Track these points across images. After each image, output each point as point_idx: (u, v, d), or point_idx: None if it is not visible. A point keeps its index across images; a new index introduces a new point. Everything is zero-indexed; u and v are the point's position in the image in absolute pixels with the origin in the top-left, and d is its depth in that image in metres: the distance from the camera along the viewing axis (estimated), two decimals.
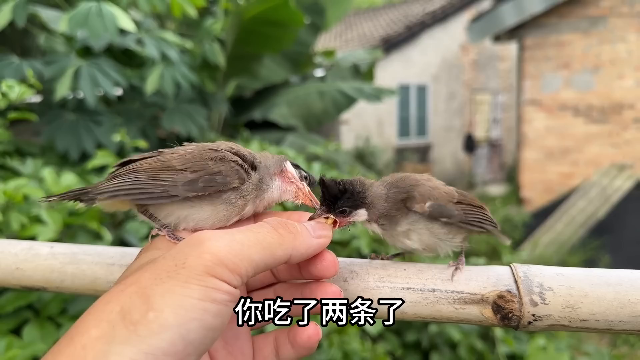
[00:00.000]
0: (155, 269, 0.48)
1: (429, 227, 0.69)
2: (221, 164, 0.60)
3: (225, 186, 0.59)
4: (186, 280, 0.45)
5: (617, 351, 4.31)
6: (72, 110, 3.04)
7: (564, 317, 0.53)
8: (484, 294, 0.57)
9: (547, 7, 7.58)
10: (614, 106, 7.51)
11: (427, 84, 12.16)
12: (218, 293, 0.46)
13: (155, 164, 0.61)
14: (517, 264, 0.59)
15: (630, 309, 0.51)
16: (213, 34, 3.79)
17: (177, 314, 0.44)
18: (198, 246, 0.48)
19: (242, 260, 0.48)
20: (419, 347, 2.45)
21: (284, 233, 0.53)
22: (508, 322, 0.56)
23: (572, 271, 0.56)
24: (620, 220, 6.80)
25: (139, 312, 0.43)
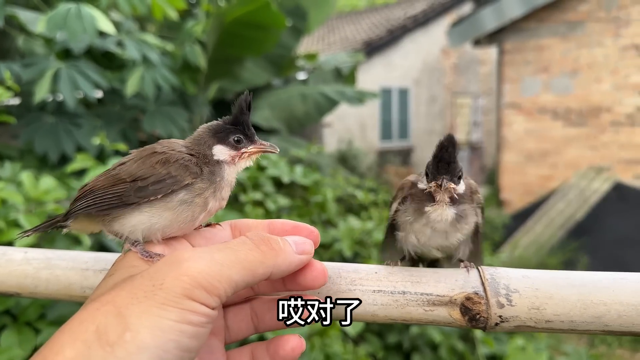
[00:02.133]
0: (132, 288, 0.47)
1: (473, 221, 0.67)
2: (168, 165, 0.59)
3: (177, 185, 0.58)
4: (163, 302, 0.45)
5: (595, 351, 4.37)
6: (52, 112, 3.01)
7: (529, 319, 0.55)
8: (452, 296, 0.58)
9: (527, 11, 7.68)
10: (591, 109, 7.62)
11: (408, 87, 12.24)
12: (195, 315, 0.46)
13: (107, 180, 0.61)
14: (485, 266, 0.60)
15: (593, 310, 0.53)
16: (194, 36, 3.77)
17: (154, 335, 0.43)
18: (176, 267, 0.47)
19: (220, 281, 0.47)
20: (400, 348, 2.47)
21: (265, 250, 0.52)
22: (476, 324, 0.57)
23: (537, 273, 0.57)
24: (598, 222, 6.90)
25: (116, 333, 0.43)
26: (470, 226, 0.67)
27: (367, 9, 16.88)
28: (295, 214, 2.69)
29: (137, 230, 0.59)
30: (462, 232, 0.67)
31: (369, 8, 16.94)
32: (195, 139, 0.63)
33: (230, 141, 0.62)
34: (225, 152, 0.62)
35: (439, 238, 0.67)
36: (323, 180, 3.26)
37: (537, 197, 7.88)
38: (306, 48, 11.61)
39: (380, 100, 11.45)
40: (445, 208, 0.64)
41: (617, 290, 0.53)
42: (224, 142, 0.62)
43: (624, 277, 0.55)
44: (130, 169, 0.60)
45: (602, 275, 0.56)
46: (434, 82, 12.69)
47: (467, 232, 0.68)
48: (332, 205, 2.97)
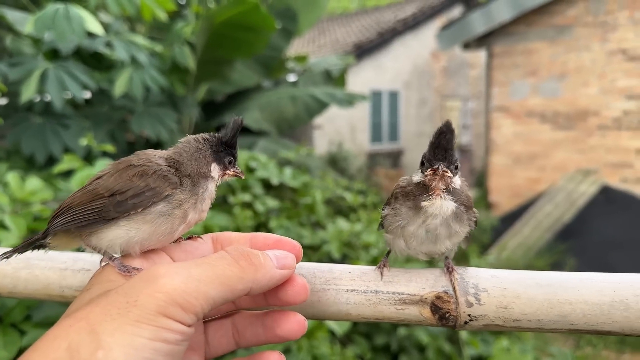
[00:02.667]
0: (106, 305, 0.46)
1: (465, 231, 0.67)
2: (146, 177, 0.58)
3: (157, 197, 0.57)
4: (137, 319, 0.44)
5: (581, 352, 4.41)
6: (39, 113, 2.99)
7: (498, 317, 0.56)
8: (422, 295, 0.59)
9: (515, 15, 7.72)
10: (579, 113, 7.68)
11: (398, 90, 12.28)
12: (170, 333, 0.45)
13: (84, 196, 0.60)
14: (455, 266, 0.62)
15: (559, 309, 0.54)
16: (183, 37, 3.77)
17: (127, 353, 0.42)
18: (151, 283, 0.46)
19: (197, 298, 0.46)
20: (388, 350, 2.48)
21: (245, 265, 0.51)
22: (446, 322, 0.58)
23: (505, 273, 0.59)
24: (585, 224, 6.96)
25: (88, 350, 0.42)
26: (459, 238, 0.67)
27: (357, 11, 16.92)
28: (284, 215, 2.69)
29: (115, 245, 0.58)
30: (452, 241, 0.66)
31: (359, 10, 16.98)
32: (189, 151, 0.62)
33: (224, 161, 0.63)
34: (217, 170, 0.63)
35: (429, 244, 0.66)
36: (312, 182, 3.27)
37: (525, 199, 7.93)
38: (296, 50, 11.62)
39: (370, 103, 11.49)
40: (444, 199, 0.63)
41: (582, 290, 0.55)
42: (218, 160, 0.63)
43: (590, 277, 0.57)
44: (107, 183, 0.59)
45: (568, 276, 0.57)
46: (424, 85, 12.75)
47: (456, 242, 0.67)
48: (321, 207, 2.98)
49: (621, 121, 7.39)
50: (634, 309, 0.53)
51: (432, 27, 12.00)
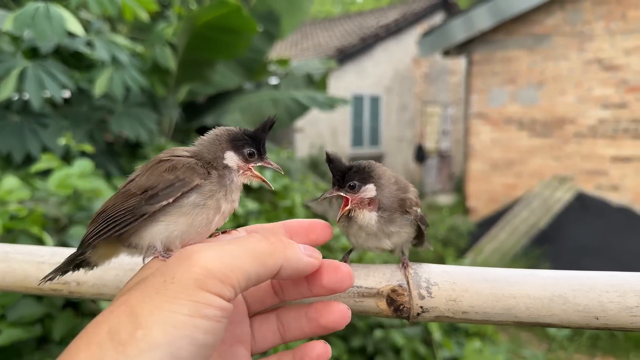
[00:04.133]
0: (145, 287, 0.46)
1: (409, 231, 0.71)
2: (175, 170, 0.58)
3: (186, 186, 0.57)
4: (175, 295, 0.43)
5: (553, 355, 4.49)
6: (17, 112, 2.97)
7: (448, 309, 0.60)
8: (379, 289, 0.63)
9: (495, 23, 7.81)
10: (556, 121, 7.80)
11: (380, 95, 12.37)
12: (209, 309, 0.44)
13: (117, 198, 0.60)
14: (409, 262, 0.66)
15: (504, 303, 0.58)
16: (165, 38, 3.77)
17: (166, 331, 0.42)
18: (187, 260, 0.46)
19: (232, 270, 0.46)
20: (364, 352, 2.51)
21: (274, 242, 0.51)
22: (400, 314, 0.62)
23: (455, 269, 0.63)
24: (560, 230, 7.06)
25: (127, 331, 0.42)
26: (402, 237, 0.71)
27: (340, 16, 16.99)
28: (263, 218, 2.71)
29: (156, 241, 0.58)
30: (392, 240, 0.70)
31: (342, 15, 17.06)
32: (208, 139, 0.63)
33: (244, 152, 0.63)
34: (234, 160, 0.62)
35: (373, 241, 0.71)
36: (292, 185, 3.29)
37: (502, 205, 8.03)
38: (279, 53, 11.65)
39: (352, 107, 11.56)
40: (364, 213, 0.68)
41: (526, 285, 0.59)
42: (237, 150, 0.62)
43: (532, 273, 0.61)
44: (140, 182, 0.59)
45: (513, 272, 0.61)
46: (405, 90, 12.86)
47: (399, 241, 0.71)
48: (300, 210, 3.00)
49: (596, 129, 7.52)
50: (571, 302, 0.57)
51: (414, 33, 12.12)
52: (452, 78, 13.47)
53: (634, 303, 0.56)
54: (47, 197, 2.02)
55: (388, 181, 0.69)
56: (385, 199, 0.69)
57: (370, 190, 0.68)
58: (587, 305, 0.57)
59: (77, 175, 2.04)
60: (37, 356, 1.73)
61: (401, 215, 0.69)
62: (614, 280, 0.58)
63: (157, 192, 0.57)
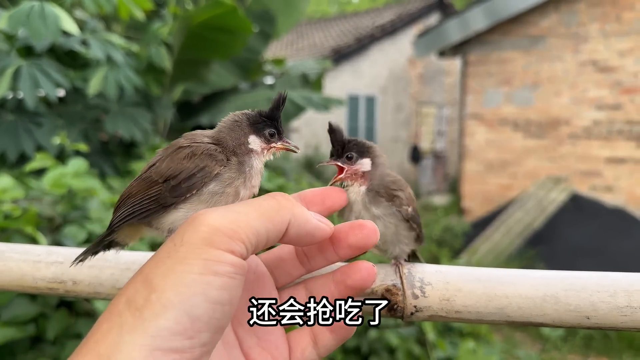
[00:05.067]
0: (157, 254, 0.47)
1: (397, 224, 0.71)
2: (195, 158, 0.59)
3: (208, 177, 0.58)
4: (185, 256, 0.45)
5: (547, 355, 4.51)
6: (11, 110, 2.96)
7: (441, 309, 0.61)
8: (373, 288, 0.64)
9: (491, 24, 7.83)
10: (550, 122, 7.82)
11: (375, 95, 12.39)
12: (220, 265, 0.45)
13: (141, 184, 0.61)
14: (404, 261, 0.66)
15: (496, 302, 0.59)
16: (160, 37, 3.77)
17: (179, 291, 0.43)
18: (193, 222, 0.47)
19: (240, 226, 0.47)
20: (358, 352, 2.51)
21: (281, 199, 0.52)
22: (394, 313, 0.63)
23: (449, 269, 0.64)
24: (554, 231, 7.08)
25: (142, 297, 0.43)
26: (389, 228, 0.72)
27: (336, 16, 17.01)
28: None
29: (177, 226, 0.58)
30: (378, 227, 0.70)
31: (338, 15, 17.07)
32: (227, 125, 0.63)
33: (265, 133, 0.63)
34: (258, 142, 0.63)
35: None
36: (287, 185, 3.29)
37: (497, 205, 8.05)
38: (275, 53, 11.64)
39: (347, 108, 11.57)
40: (355, 185, 0.71)
41: (518, 285, 0.60)
42: (258, 133, 0.63)
43: (525, 273, 0.62)
44: (160, 169, 0.60)
45: (506, 272, 0.62)
46: (400, 91, 12.88)
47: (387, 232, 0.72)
48: None
49: (591, 130, 7.54)
50: (563, 302, 0.58)
51: (409, 34, 12.15)
52: (448, 79, 13.50)
53: (624, 303, 0.57)
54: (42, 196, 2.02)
55: (382, 164, 0.72)
56: (376, 179, 0.71)
57: (366, 164, 0.70)
58: (579, 305, 0.58)
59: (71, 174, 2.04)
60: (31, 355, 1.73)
61: (387, 201, 0.71)
62: (604, 280, 0.59)
63: (180, 183, 0.58)
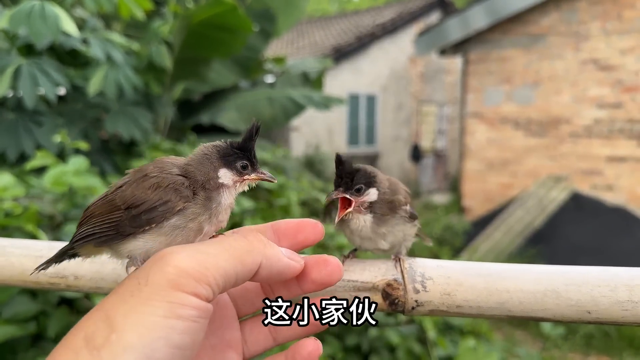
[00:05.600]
0: (119, 290, 0.46)
1: (404, 228, 0.72)
2: (159, 190, 0.57)
3: (169, 212, 0.56)
4: (149, 297, 0.43)
5: (547, 353, 4.51)
6: (12, 109, 2.96)
7: (442, 303, 0.61)
8: (375, 283, 0.64)
9: (491, 23, 7.82)
10: (551, 120, 7.81)
11: (376, 94, 12.39)
12: (184, 309, 0.43)
13: (104, 206, 0.60)
14: (404, 257, 0.67)
15: (497, 297, 0.59)
16: (160, 36, 3.77)
17: (141, 334, 0.41)
18: (159, 261, 0.46)
19: (208, 268, 0.46)
20: (359, 350, 2.51)
21: (252, 240, 0.51)
22: (395, 307, 0.63)
23: (450, 263, 0.64)
24: (555, 230, 7.08)
25: (102, 336, 0.42)
26: (397, 237, 0.72)
27: (337, 14, 16.99)
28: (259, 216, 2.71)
29: (135, 254, 0.58)
30: (387, 240, 0.72)
31: (338, 14, 17.06)
32: (197, 159, 0.61)
33: (237, 166, 0.61)
34: (229, 176, 0.61)
35: (369, 243, 0.72)
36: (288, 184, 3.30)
37: (497, 204, 8.05)
38: (275, 51, 11.64)
39: (348, 106, 11.56)
40: (359, 217, 0.70)
41: (519, 280, 0.60)
42: (230, 166, 0.61)
43: (526, 268, 0.62)
44: (125, 194, 0.59)
45: (507, 267, 0.63)
46: (401, 89, 12.88)
47: (395, 240, 0.72)
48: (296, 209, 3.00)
49: (592, 129, 7.54)
50: (564, 297, 0.58)
51: (410, 32, 12.14)
52: (448, 77, 13.49)
53: (625, 297, 0.57)
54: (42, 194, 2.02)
55: (384, 186, 0.71)
56: (378, 203, 0.70)
57: (373, 194, 0.69)
58: (580, 299, 0.58)
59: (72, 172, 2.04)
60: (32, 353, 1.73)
61: (392, 216, 0.71)
62: (605, 275, 0.59)
63: (140, 214, 0.56)
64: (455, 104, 12.95)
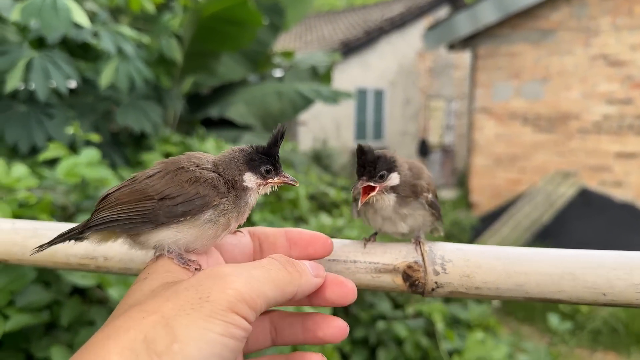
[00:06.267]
0: (178, 300, 0.48)
1: (424, 213, 0.75)
2: (197, 185, 0.59)
3: (206, 206, 0.59)
4: (210, 314, 0.46)
5: (554, 348, 4.51)
6: (23, 102, 2.98)
7: (461, 285, 0.62)
8: (395, 265, 0.65)
9: (501, 18, 7.80)
10: (560, 116, 7.79)
11: (384, 88, 12.37)
12: (237, 329, 0.47)
13: (134, 194, 0.61)
14: (424, 240, 0.69)
15: (515, 279, 0.60)
16: (170, 29, 3.78)
17: (200, 347, 0.44)
18: (220, 280, 0.49)
19: (259, 296, 0.49)
20: (366, 343, 2.53)
21: (292, 271, 0.54)
22: (415, 289, 0.64)
23: (469, 247, 0.65)
24: (563, 226, 7.08)
25: (164, 343, 0.44)
26: (417, 220, 0.75)
27: (345, 9, 16.96)
28: (267, 209, 2.72)
29: (163, 244, 0.60)
30: (407, 223, 0.75)
31: (347, 8, 17.02)
32: (225, 160, 0.64)
33: (261, 170, 0.63)
34: (253, 180, 0.63)
35: (390, 225, 0.75)
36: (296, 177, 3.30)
37: (505, 200, 8.04)
38: (283, 45, 11.64)
39: (355, 101, 11.56)
40: (383, 197, 0.73)
41: (537, 263, 0.61)
42: (254, 170, 0.63)
43: (544, 252, 0.63)
44: (158, 185, 0.60)
45: (525, 250, 0.64)
46: (409, 84, 12.85)
47: (415, 224, 0.75)
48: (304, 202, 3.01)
49: (601, 125, 7.51)
50: (580, 279, 0.59)
51: (419, 27, 12.11)
52: (457, 72, 13.45)
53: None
54: (55, 185, 2.04)
55: (403, 169, 0.74)
56: (400, 185, 0.73)
57: (395, 179, 0.72)
58: (595, 282, 0.59)
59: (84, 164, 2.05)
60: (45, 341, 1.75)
61: (414, 199, 0.74)
62: (621, 258, 0.60)
63: (177, 205, 0.58)
64: (464, 99, 12.91)
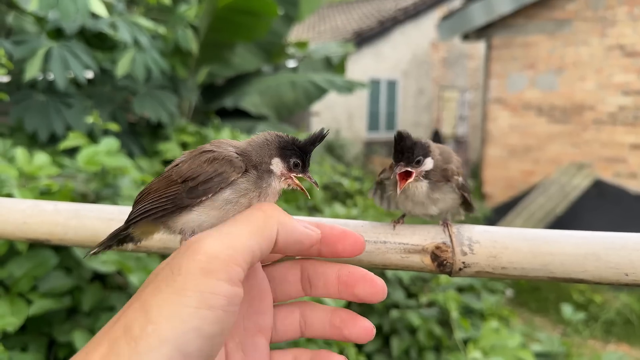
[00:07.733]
0: (156, 280, 0.47)
1: (453, 197, 0.77)
2: (215, 163, 0.60)
3: (224, 182, 0.59)
4: (182, 287, 0.44)
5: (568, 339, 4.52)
6: (42, 91, 3.03)
7: (488, 265, 0.64)
8: (424, 245, 0.68)
9: (516, 8, 7.74)
10: (575, 107, 7.73)
11: (397, 79, 12.33)
12: (216, 298, 0.44)
13: (161, 182, 0.63)
14: (452, 222, 0.72)
15: (541, 259, 0.62)
16: (186, 20, 3.80)
17: (174, 326, 0.42)
18: (189, 249, 0.47)
19: (235, 249, 0.47)
20: (380, 331, 2.55)
21: (267, 209, 0.53)
22: (443, 269, 0.67)
23: (496, 229, 0.67)
24: (577, 217, 7.04)
25: (139, 326, 0.42)
26: (447, 203, 0.77)
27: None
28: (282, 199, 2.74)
29: (188, 228, 0.61)
30: (438, 206, 0.77)
31: None
32: (257, 142, 0.63)
33: (289, 161, 0.63)
34: (280, 166, 0.62)
35: (420, 208, 0.77)
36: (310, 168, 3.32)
37: (519, 191, 8.01)
38: (297, 36, 11.63)
39: (368, 91, 11.54)
40: (417, 183, 0.74)
41: (562, 244, 0.63)
42: (284, 158, 0.63)
43: (569, 234, 0.65)
44: (181, 170, 0.62)
45: (551, 232, 0.66)
46: (423, 74, 12.79)
47: (445, 207, 0.77)
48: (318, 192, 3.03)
49: (616, 116, 7.44)
50: (603, 260, 0.61)
51: (433, 17, 12.03)
52: (471, 63, 13.36)
53: None
54: (75, 173, 2.08)
55: (435, 154, 0.76)
56: (432, 170, 0.75)
57: (429, 164, 0.74)
58: (618, 262, 0.61)
59: (104, 152, 2.08)
60: (67, 326, 1.80)
61: (445, 183, 0.76)
62: None
63: (197, 185, 0.59)
64: (477, 89, 12.83)
